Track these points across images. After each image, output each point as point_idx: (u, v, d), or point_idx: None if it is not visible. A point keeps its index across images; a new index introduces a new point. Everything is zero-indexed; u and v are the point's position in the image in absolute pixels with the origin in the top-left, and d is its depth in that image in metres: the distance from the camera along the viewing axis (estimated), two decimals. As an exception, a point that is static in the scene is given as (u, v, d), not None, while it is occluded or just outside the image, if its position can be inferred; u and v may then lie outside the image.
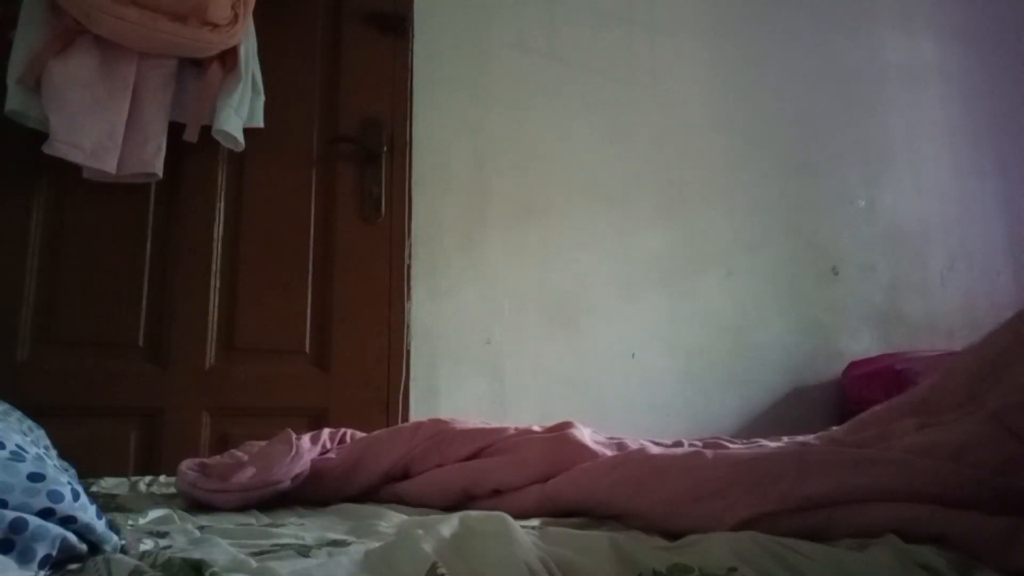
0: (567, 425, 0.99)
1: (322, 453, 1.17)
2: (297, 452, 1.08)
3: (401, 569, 0.55)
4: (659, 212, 2.41)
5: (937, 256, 2.82)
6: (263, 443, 1.21)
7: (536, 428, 1.03)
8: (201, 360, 1.79)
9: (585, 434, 0.93)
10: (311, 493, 1.10)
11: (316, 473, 1.10)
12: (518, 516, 0.70)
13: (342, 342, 1.90)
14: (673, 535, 0.69)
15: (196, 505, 1.04)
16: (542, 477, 0.89)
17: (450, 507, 0.96)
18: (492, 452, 1.00)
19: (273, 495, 1.04)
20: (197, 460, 1.14)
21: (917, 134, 2.90)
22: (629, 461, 0.80)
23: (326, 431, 1.24)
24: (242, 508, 1.03)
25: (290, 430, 1.20)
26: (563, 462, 0.88)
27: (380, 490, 1.10)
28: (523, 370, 2.13)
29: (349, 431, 1.29)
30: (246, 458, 1.12)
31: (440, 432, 1.07)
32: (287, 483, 1.04)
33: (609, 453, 0.88)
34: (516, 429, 1.04)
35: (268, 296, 1.87)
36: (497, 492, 0.94)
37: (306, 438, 1.16)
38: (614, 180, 2.36)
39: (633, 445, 0.94)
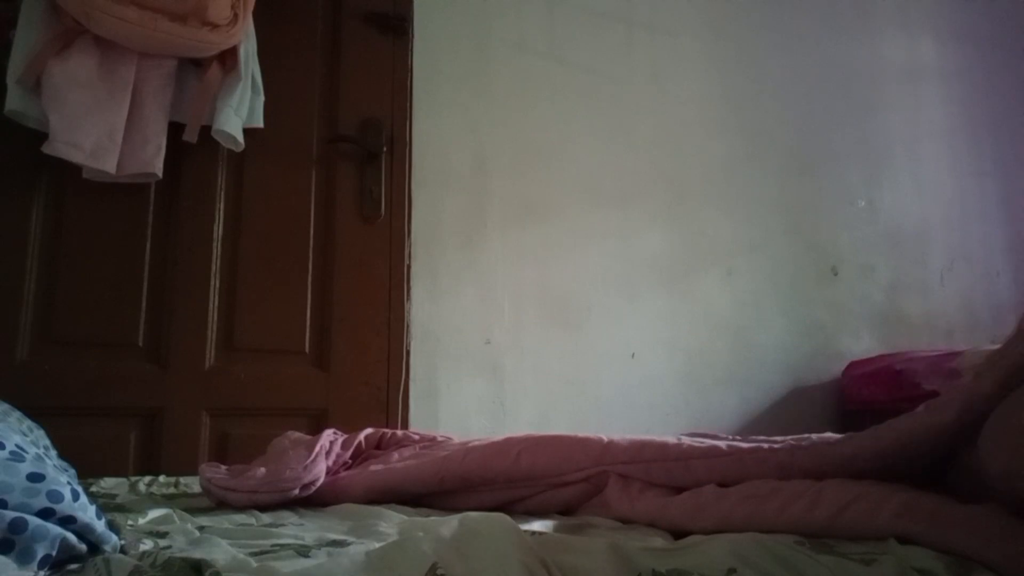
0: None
1: (356, 454, 1.18)
2: (313, 460, 1.08)
3: (401, 570, 0.55)
4: (659, 212, 2.41)
5: (937, 256, 2.82)
6: (307, 437, 1.22)
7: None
8: (201, 360, 1.79)
9: None
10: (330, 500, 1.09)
11: (334, 486, 1.09)
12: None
13: (342, 342, 1.90)
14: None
15: (220, 503, 1.05)
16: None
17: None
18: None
19: (283, 500, 1.04)
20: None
21: (917, 134, 2.90)
22: None
23: (367, 430, 1.25)
24: (252, 507, 1.03)
25: (334, 430, 1.22)
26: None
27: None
28: (523, 370, 2.13)
29: (390, 431, 1.29)
30: (287, 444, 1.16)
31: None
32: (295, 491, 1.04)
33: None
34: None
35: (268, 296, 1.87)
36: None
37: (339, 442, 1.17)
38: (614, 180, 2.36)
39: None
